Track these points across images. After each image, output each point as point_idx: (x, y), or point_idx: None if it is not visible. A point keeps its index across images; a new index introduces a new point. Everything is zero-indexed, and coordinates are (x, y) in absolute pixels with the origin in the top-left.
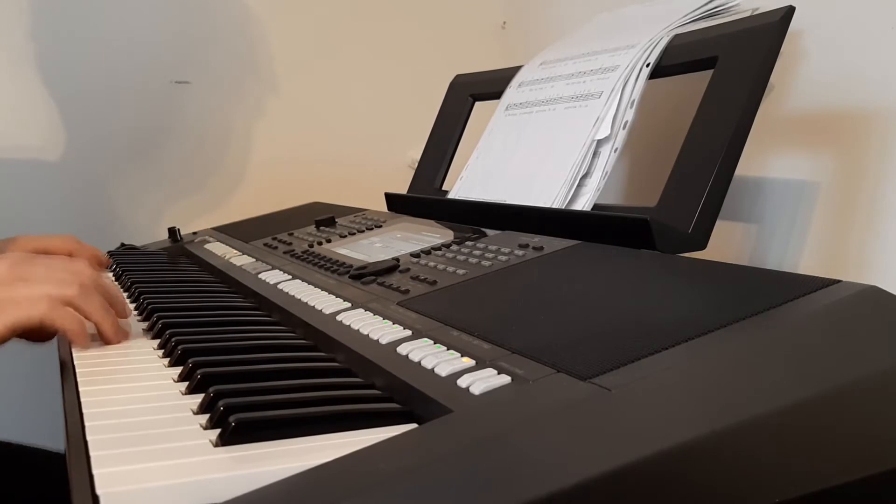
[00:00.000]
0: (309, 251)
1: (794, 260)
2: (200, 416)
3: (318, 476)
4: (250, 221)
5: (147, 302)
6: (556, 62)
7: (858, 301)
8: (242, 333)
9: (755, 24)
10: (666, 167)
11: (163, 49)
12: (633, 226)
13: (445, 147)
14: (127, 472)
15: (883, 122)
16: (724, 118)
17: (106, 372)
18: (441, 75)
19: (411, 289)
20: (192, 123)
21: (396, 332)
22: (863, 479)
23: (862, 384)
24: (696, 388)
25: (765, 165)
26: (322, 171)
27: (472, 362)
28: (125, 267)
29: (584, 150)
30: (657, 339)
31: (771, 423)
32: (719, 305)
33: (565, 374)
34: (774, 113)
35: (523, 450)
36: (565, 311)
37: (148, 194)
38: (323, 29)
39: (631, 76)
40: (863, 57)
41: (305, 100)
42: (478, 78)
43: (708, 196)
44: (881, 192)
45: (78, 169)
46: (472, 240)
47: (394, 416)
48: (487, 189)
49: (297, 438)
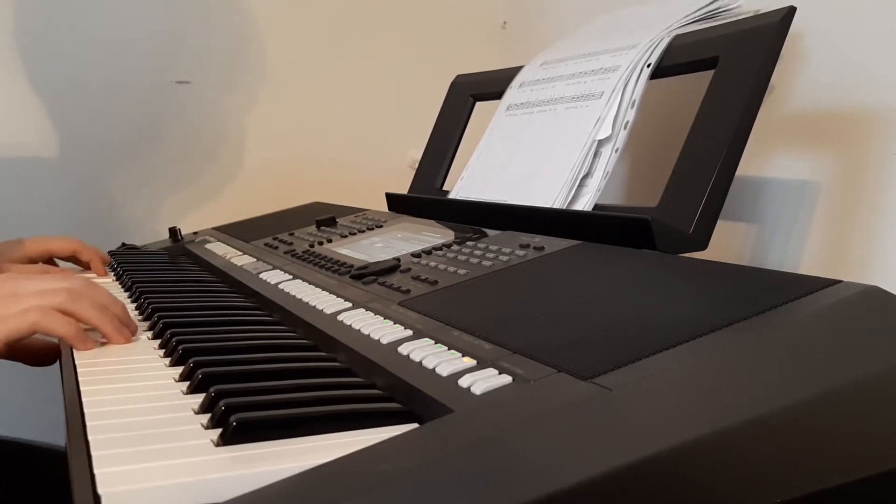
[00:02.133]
0: (310, 251)
1: (795, 260)
2: (201, 416)
3: (318, 476)
4: (251, 221)
5: (148, 302)
6: (556, 62)
7: (859, 301)
8: (243, 333)
9: (756, 24)
10: (667, 167)
11: (163, 49)
12: (633, 226)
13: (446, 147)
14: (128, 472)
15: (883, 122)
16: (725, 118)
17: (107, 371)
18: (441, 75)
19: (412, 289)
20: (192, 123)
21: (397, 332)
22: (863, 479)
23: (862, 384)
24: (696, 388)
25: (765, 165)
26: (323, 171)
27: (473, 362)
28: (126, 267)
29: (585, 151)
30: (658, 339)
31: (771, 423)
32: (720, 306)
33: (566, 373)
34: (775, 113)
35: (524, 450)
36: (566, 311)
37: (149, 194)
38: (323, 29)
39: (632, 76)
40: (863, 57)
41: (306, 99)
42: (478, 78)
43: (709, 196)
44: (881, 192)
45: (78, 169)
46: (472, 240)
47: (394, 415)
48: (488, 189)
49: (297, 438)
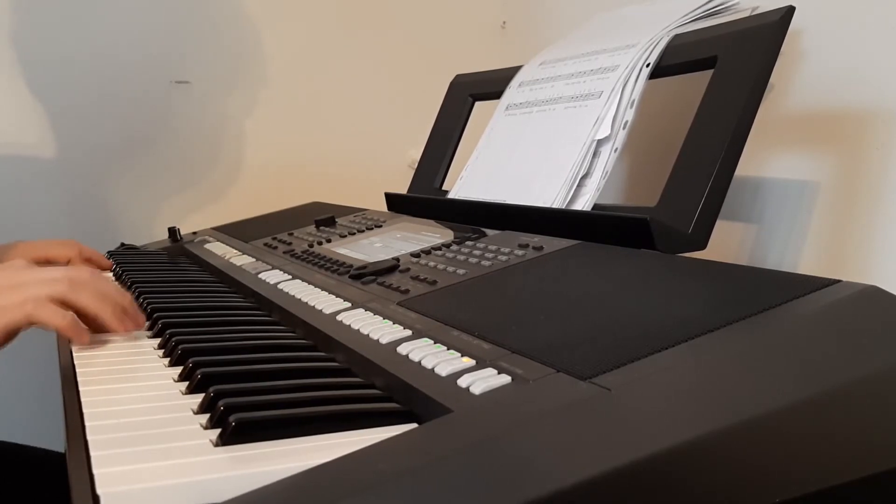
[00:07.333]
0: (309, 251)
1: (794, 260)
2: (200, 416)
3: (318, 476)
4: (250, 221)
5: (147, 302)
6: (556, 62)
7: (858, 301)
8: (242, 333)
9: (755, 23)
10: (666, 167)
11: (163, 49)
12: (633, 226)
13: (445, 147)
14: (127, 472)
15: (883, 122)
16: (724, 118)
17: (106, 372)
18: (441, 75)
19: (411, 289)
20: (192, 123)
21: (396, 332)
22: (863, 479)
23: (862, 384)
24: (696, 388)
25: (765, 165)
26: (322, 171)
27: (473, 362)
28: (125, 267)
29: (584, 150)
30: (657, 338)
31: (771, 423)
32: (719, 305)
33: (565, 373)
34: (774, 113)
35: (523, 449)
36: (565, 310)
37: (148, 194)
38: (323, 29)
39: (631, 76)
40: (863, 57)
41: (306, 99)
42: (478, 78)
43: (708, 196)
44: (881, 192)
45: (78, 169)
46: (472, 240)
47: (394, 415)
48: (487, 189)
49: (297, 438)
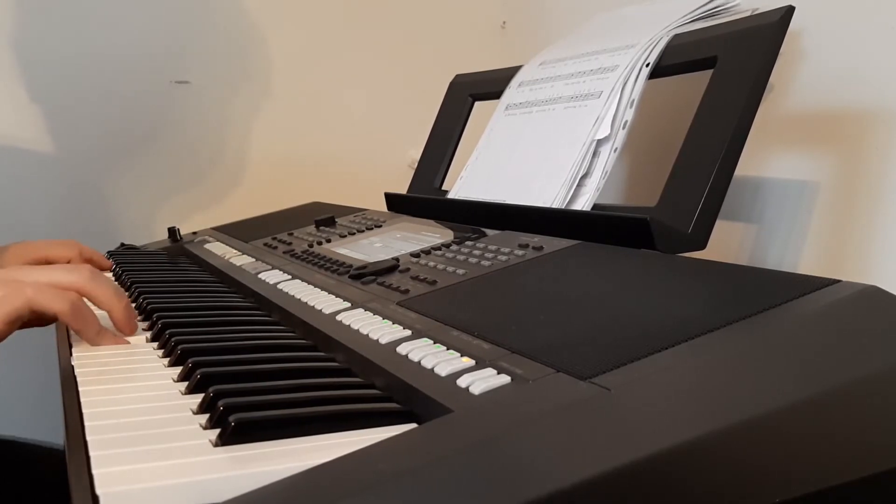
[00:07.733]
0: (309, 251)
1: (794, 260)
2: (200, 416)
3: (318, 476)
4: (250, 221)
5: (147, 302)
6: (555, 62)
7: (858, 301)
8: (242, 333)
9: (755, 23)
10: (666, 167)
11: (162, 49)
12: (632, 226)
13: (445, 147)
14: (126, 472)
15: (883, 122)
16: (724, 118)
17: (105, 372)
18: (441, 75)
19: (411, 289)
20: (191, 123)
21: (396, 332)
22: (863, 479)
23: (862, 384)
24: (696, 388)
25: (765, 165)
26: (322, 171)
27: (472, 362)
28: (125, 267)
29: (584, 150)
30: (657, 338)
31: (771, 423)
32: (719, 305)
33: (565, 373)
34: (774, 113)
35: (522, 450)
36: (565, 310)
37: (148, 194)
38: (323, 29)
39: (630, 76)
40: (863, 57)
41: (305, 99)
42: (478, 78)
43: (708, 196)
44: (881, 192)
45: (78, 169)
46: (471, 240)
47: (393, 415)
48: (487, 189)
49: (296, 438)
